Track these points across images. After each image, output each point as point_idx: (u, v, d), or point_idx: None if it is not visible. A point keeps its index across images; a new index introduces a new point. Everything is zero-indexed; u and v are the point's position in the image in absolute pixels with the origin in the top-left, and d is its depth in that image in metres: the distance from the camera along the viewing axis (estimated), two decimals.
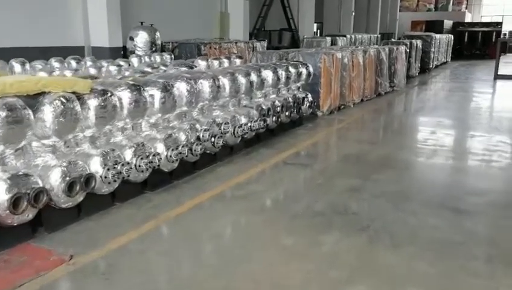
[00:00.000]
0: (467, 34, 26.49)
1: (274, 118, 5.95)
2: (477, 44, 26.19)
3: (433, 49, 17.06)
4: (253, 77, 5.53)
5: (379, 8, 27.70)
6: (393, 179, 4.63)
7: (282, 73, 6.23)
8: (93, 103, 3.38)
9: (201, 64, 7.27)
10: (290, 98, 6.48)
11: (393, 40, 18.11)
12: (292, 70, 6.53)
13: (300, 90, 7.13)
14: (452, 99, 10.77)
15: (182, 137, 4.32)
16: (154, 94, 3.99)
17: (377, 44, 19.57)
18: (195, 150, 4.39)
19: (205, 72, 4.91)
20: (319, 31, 25.49)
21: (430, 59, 16.85)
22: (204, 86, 4.61)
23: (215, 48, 10.81)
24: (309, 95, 7.08)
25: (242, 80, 5.28)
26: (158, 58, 8.78)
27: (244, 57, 10.70)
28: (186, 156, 4.24)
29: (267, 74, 5.91)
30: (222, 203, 3.98)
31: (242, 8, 14.32)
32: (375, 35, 23.19)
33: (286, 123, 6.51)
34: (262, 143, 5.90)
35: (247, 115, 5.37)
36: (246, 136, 5.33)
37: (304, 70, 6.88)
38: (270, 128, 6.07)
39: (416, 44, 14.69)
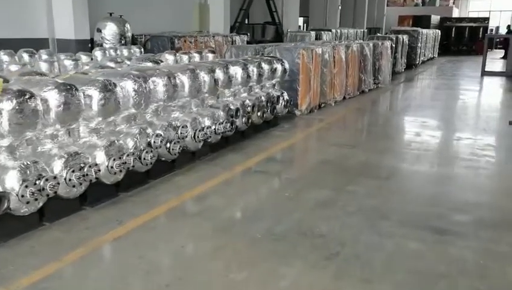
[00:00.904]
0: (454, 29, 26.24)
1: (244, 119, 5.42)
2: (464, 40, 25.96)
3: (420, 45, 16.66)
4: (219, 74, 4.97)
5: (366, 2, 27.18)
6: (372, 190, 4.12)
7: (253, 70, 5.67)
8: (5, 106, 2.79)
9: (168, 59, 6.67)
10: (263, 97, 5.93)
11: (379, 34, 17.62)
12: (265, 66, 5.97)
13: (276, 88, 6.58)
14: (438, 97, 10.32)
15: (130, 143, 3.77)
16: (92, 95, 3.41)
17: (363, 39, 19.09)
18: (145, 158, 3.83)
19: (159, 68, 4.32)
20: (305, 25, 24.93)
21: (416, 55, 16.45)
22: (157, 84, 4.03)
23: (190, 42, 10.17)
24: (285, 94, 6.55)
25: (205, 77, 4.72)
26: (125, 52, 8.16)
27: (222, 51, 10.11)
28: (133, 166, 3.68)
29: (236, 71, 5.34)
30: (170, 223, 3.43)
31: (222, 0, 13.64)
32: (362, 30, 22.70)
33: (259, 124, 5.98)
34: (231, 147, 5.36)
35: (212, 116, 4.82)
36: (209, 140, 4.78)
37: (278, 67, 6.32)
38: (241, 130, 5.53)
39: (403, 39, 14.25)
